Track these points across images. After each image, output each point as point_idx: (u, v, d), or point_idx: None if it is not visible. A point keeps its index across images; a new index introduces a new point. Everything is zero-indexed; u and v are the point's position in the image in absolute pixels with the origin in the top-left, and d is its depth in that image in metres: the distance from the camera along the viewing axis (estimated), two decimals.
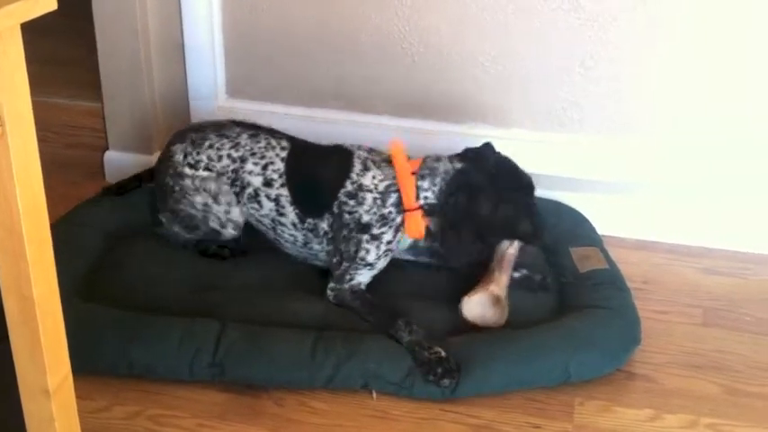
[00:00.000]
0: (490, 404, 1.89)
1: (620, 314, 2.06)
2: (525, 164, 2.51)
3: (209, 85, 2.65)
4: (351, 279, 2.07)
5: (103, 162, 2.77)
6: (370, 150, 2.17)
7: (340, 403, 1.88)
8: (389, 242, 2.08)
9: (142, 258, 2.24)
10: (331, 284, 2.09)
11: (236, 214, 2.20)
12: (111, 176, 2.76)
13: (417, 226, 2.05)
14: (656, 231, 2.51)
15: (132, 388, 1.89)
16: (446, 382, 1.87)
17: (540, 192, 2.50)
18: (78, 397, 1.34)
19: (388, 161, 2.12)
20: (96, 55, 2.64)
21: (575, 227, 2.40)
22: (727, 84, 2.38)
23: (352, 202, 2.08)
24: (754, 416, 1.89)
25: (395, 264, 2.17)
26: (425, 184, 2.05)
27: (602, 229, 2.41)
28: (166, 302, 2.06)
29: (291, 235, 2.17)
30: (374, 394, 1.90)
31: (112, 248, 2.27)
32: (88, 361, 1.80)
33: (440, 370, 1.87)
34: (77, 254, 2.17)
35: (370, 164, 2.12)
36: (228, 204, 2.19)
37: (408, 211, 2.05)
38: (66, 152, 2.80)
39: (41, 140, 1.19)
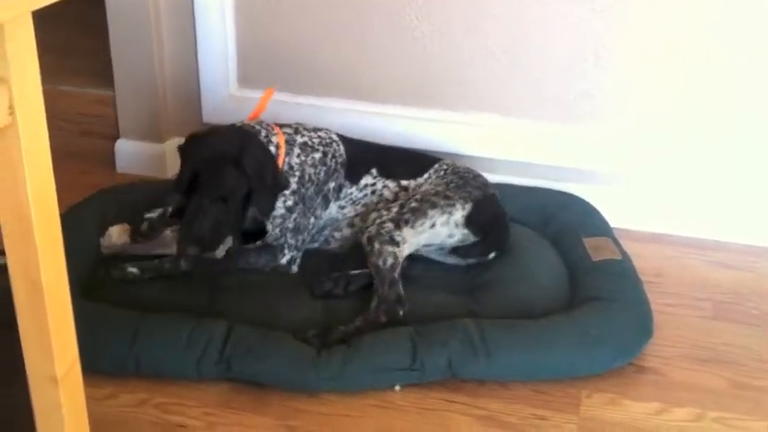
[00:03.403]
0: (496, 395, 1.89)
1: (632, 307, 2.06)
2: (536, 154, 2.53)
3: (221, 74, 2.65)
4: None
5: (114, 150, 2.78)
6: None
7: (347, 393, 1.88)
8: None
9: (144, 257, 2.20)
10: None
11: None
12: (122, 165, 2.78)
13: None
14: (668, 224, 2.51)
15: (139, 376, 1.90)
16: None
17: (551, 183, 2.52)
18: (85, 384, 1.35)
19: None
20: (108, 43, 2.65)
21: (585, 218, 2.40)
22: (742, 76, 2.36)
23: None
24: (761, 410, 1.88)
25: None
26: None
27: (613, 221, 2.41)
28: (169, 302, 2.04)
29: None
30: (397, 387, 1.91)
31: None
32: (94, 359, 1.76)
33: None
34: (80, 250, 2.14)
35: None
36: None
37: None
38: (77, 140, 2.81)
39: (52, 128, 1.19)
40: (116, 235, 2.20)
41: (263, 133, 2.12)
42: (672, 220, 2.51)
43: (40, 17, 1.14)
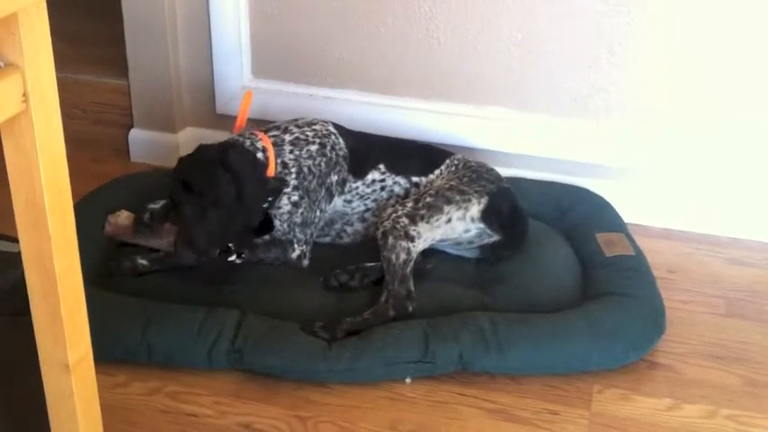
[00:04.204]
0: (508, 389, 1.89)
1: (645, 303, 2.05)
2: (550, 149, 2.53)
3: (234, 65, 2.65)
4: None
5: (128, 140, 2.79)
6: None
7: (358, 385, 1.88)
8: None
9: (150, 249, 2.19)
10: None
11: None
12: (136, 154, 2.79)
13: None
14: (682, 220, 2.50)
15: (151, 364, 1.91)
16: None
17: (565, 178, 2.51)
18: (97, 372, 1.35)
19: None
20: (123, 33, 2.65)
21: (598, 213, 2.39)
22: (759, 71, 2.34)
23: None
24: None
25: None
26: None
27: (627, 216, 2.40)
28: (179, 293, 2.05)
29: None
30: (408, 379, 1.91)
31: None
32: (106, 348, 1.76)
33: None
34: (93, 239, 2.16)
35: None
36: None
37: None
38: (91, 129, 2.82)
39: (66, 117, 1.19)
40: (124, 216, 2.22)
41: (248, 143, 2.11)
42: (686, 215, 2.49)
43: (54, 5, 1.14)
